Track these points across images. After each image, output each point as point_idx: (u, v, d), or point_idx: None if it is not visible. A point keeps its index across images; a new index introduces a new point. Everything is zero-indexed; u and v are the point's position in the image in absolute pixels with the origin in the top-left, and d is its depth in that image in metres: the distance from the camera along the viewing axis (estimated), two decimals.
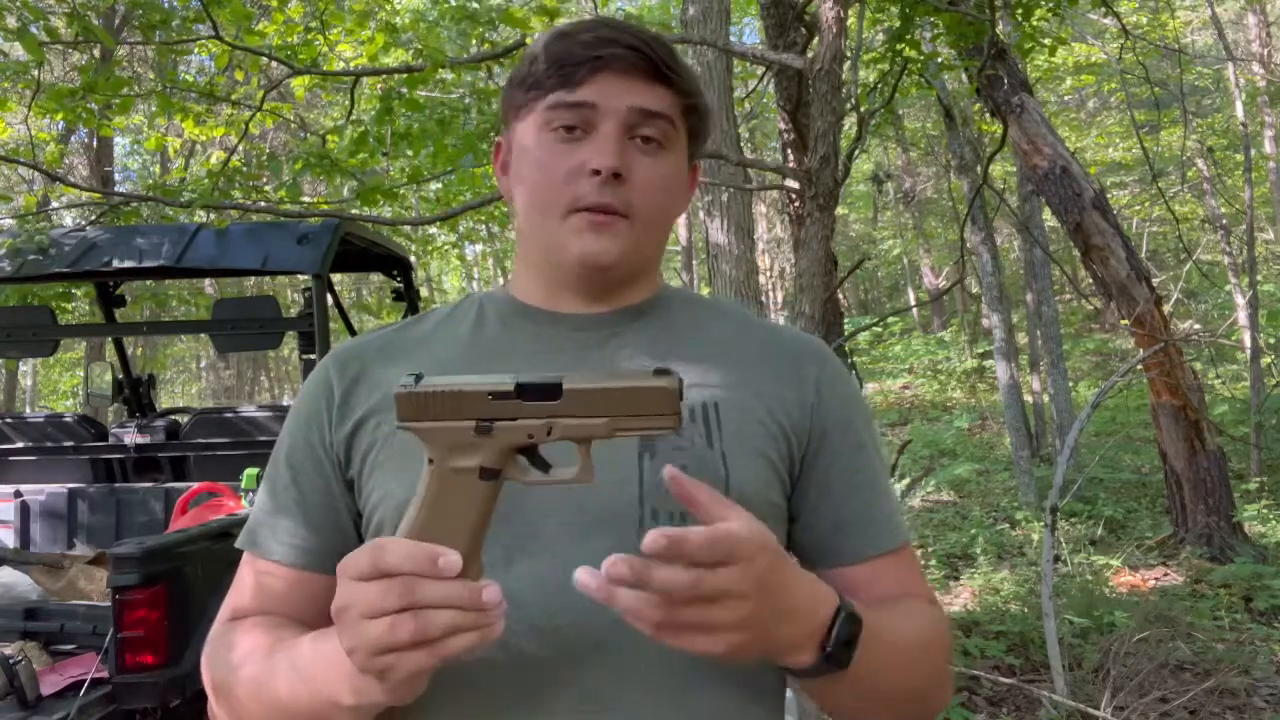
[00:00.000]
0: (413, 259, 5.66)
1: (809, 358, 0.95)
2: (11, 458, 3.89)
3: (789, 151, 5.09)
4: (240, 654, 0.85)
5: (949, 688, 0.92)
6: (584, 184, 0.86)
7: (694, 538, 0.64)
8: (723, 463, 0.86)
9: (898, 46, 4.24)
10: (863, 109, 4.18)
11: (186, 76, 5.97)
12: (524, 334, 0.93)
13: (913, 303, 17.98)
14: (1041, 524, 5.18)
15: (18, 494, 3.81)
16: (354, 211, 4.75)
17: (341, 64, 5.44)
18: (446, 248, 10.59)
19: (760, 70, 5.92)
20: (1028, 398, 10.21)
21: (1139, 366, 6.12)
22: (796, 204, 4.46)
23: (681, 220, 14.94)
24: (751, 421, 0.89)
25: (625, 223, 0.87)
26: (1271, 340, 10.87)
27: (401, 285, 4.52)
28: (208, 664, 0.89)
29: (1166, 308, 6.56)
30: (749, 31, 15.88)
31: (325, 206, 5.19)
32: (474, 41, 4.91)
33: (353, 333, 4.91)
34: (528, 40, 3.53)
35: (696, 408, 0.88)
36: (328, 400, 0.92)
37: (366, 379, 0.92)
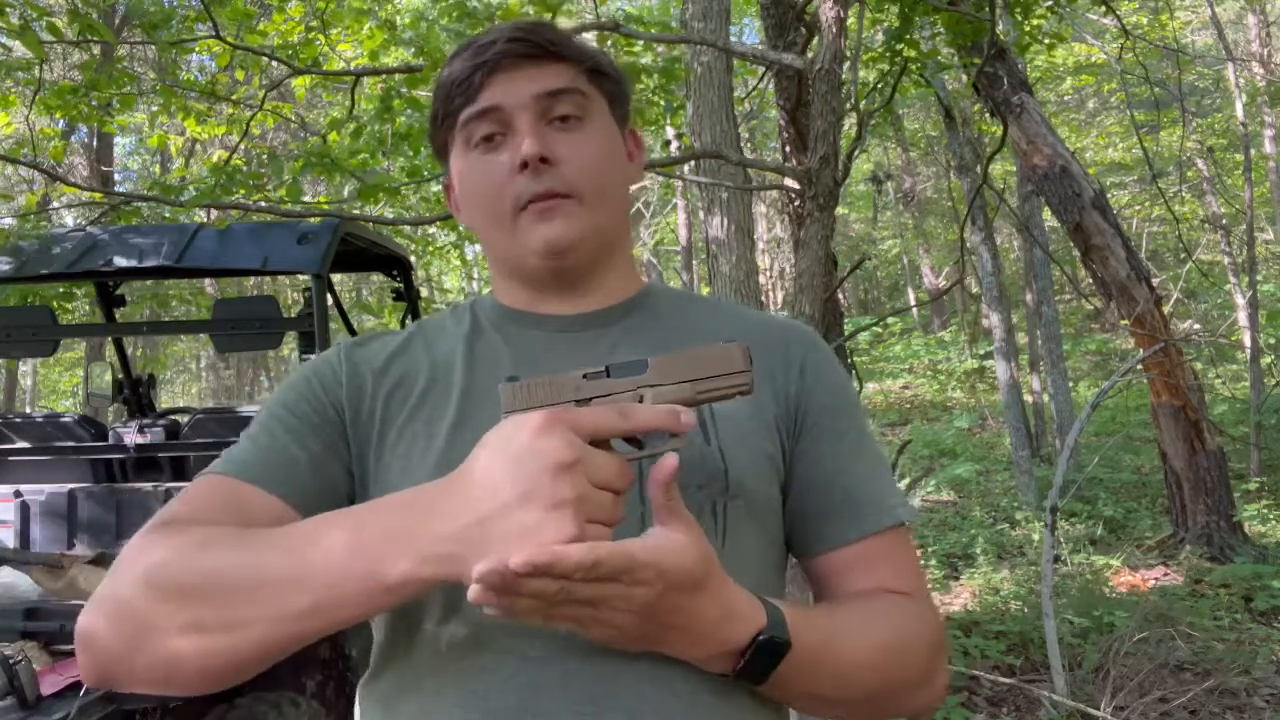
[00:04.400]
0: (413, 259, 5.65)
1: (797, 342, 0.96)
2: (11, 458, 3.88)
3: (789, 151, 5.08)
4: (217, 542, 0.75)
5: (936, 683, 0.89)
6: (519, 181, 0.88)
7: (572, 556, 0.64)
8: (721, 458, 0.86)
9: (897, 46, 4.24)
10: (862, 108, 4.18)
11: (187, 75, 5.97)
12: (515, 338, 0.94)
13: (913, 303, 17.97)
14: (1041, 524, 5.18)
15: (18, 494, 3.80)
16: (354, 211, 4.74)
17: (341, 64, 5.44)
18: (446, 248, 10.56)
19: (760, 70, 5.92)
20: (1028, 398, 10.21)
21: (1139, 366, 6.12)
22: (796, 204, 4.45)
23: (681, 220, 14.92)
24: (747, 416, 0.89)
25: (572, 202, 0.88)
26: (1271, 340, 10.87)
27: (401, 285, 4.52)
28: (153, 567, 0.73)
29: (1166, 308, 6.57)
30: (749, 31, 15.87)
31: (325, 206, 5.19)
32: None
33: (352, 333, 4.90)
34: None
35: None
36: (334, 373, 0.92)
37: (383, 370, 0.93)
